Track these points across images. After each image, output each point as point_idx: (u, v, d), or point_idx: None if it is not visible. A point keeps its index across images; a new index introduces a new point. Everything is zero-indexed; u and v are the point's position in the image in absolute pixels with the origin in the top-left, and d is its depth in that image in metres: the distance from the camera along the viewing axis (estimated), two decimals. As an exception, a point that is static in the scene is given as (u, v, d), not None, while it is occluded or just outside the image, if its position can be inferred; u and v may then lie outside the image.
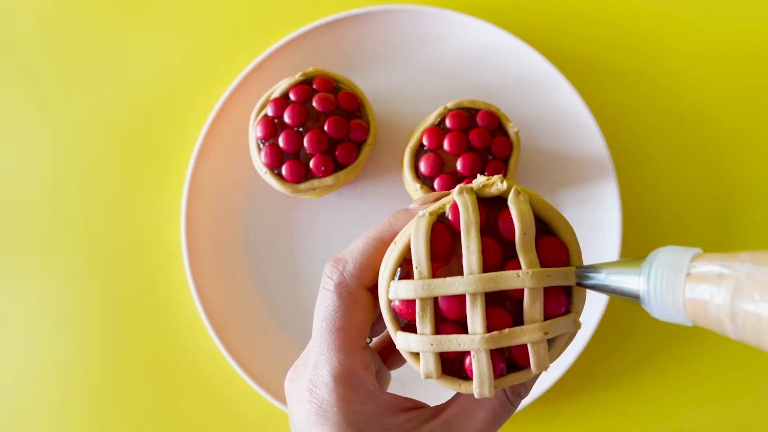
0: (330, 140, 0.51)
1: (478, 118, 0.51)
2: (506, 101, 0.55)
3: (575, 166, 0.54)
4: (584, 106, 0.53)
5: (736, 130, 0.56)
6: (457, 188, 0.28)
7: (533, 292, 0.27)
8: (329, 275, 0.31)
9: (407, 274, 0.28)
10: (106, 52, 0.58)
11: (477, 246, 0.27)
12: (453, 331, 0.28)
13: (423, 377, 0.28)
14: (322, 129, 0.50)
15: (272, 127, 0.51)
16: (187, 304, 0.55)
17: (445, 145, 0.51)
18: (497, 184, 0.28)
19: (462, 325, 0.28)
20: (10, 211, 0.56)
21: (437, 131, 0.51)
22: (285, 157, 0.51)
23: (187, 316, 0.56)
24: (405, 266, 0.28)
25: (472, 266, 0.27)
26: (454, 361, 0.29)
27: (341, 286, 0.30)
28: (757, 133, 0.56)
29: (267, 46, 0.55)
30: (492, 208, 0.29)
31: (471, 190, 0.28)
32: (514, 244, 0.28)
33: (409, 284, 0.28)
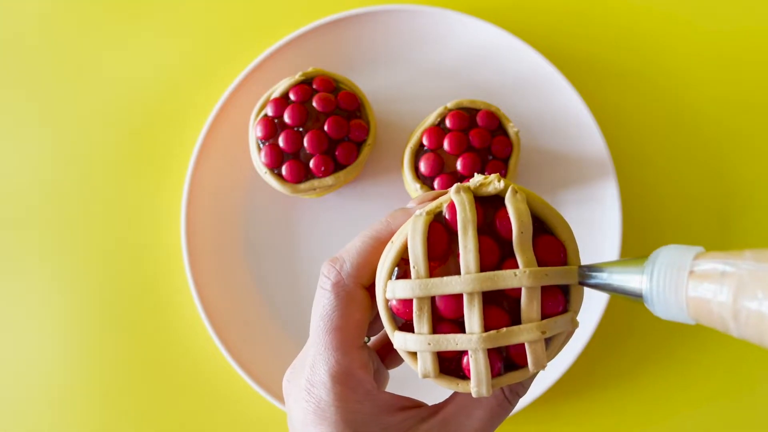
0: (330, 140, 0.51)
1: (478, 118, 0.51)
2: (506, 101, 0.55)
3: (575, 166, 0.54)
4: (584, 106, 0.53)
5: (736, 130, 0.56)
6: (454, 187, 0.28)
7: (530, 291, 0.27)
8: (326, 275, 0.31)
9: (404, 274, 0.28)
10: (106, 52, 0.58)
11: (474, 245, 0.27)
12: (450, 331, 0.28)
13: (420, 377, 0.28)
14: (322, 129, 0.50)
15: (272, 127, 0.51)
16: (187, 304, 0.55)
17: (445, 145, 0.50)
18: (494, 183, 0.28)
19: (459, 325, 0.28)
20: (10, 211, 0.57)
21: (437, 131, 0.51)
22: (285, 157, 0.51)
23: (187, 316, 0.56)
24: (402, 266, 0.28)
25: (470, 265, 0.27)
26: (451, 360, 0.29)
27: (338, 286, 0.30)
28: (757, 133, 0.56)
29: (267, 46, 0.55)
30: (489, 207, 0.28)
31: (468, 189, 0.28)
32: (511, 243, 0.28)
33: (406, 284, 0.28)
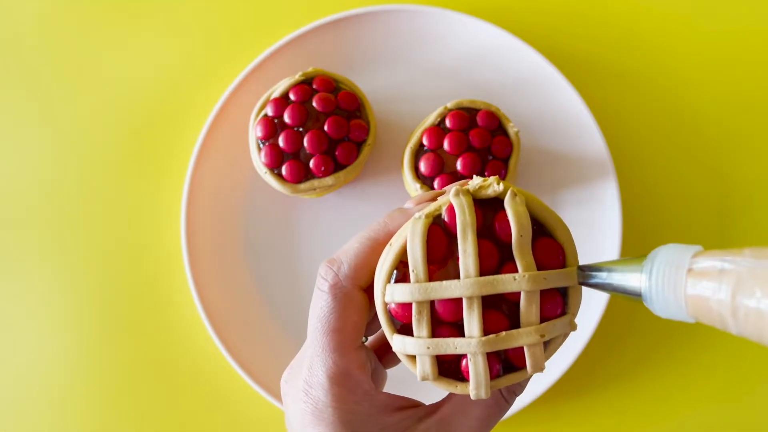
0: (330, 140, 0.51)
1: (478, 118, 0.51)
2: (506, 101, 0.55)
3: (575, 166, 0.54)
4: (584, 106, 0.53)
5: (736, 130, 0.56)
6: (453, 190, 0.28)
7: (530, 295, 0.27)
8: (324, 276, 0.30)
9: (403, 277, 0.28)
10: (106, 52, 0.58)
11: (473, 249, 0.27)
12: (449, 334, 0.28)
13: (419, 379, 0.28)
14: (322, 129, 0.50)
15: (272, 127, 0.50)
16: (187, 304, 0.55)
17: (445, 145, 0.50)
18: (493, 186, 0.28)
19: (458, 328, 0.28)
20: (10, 211, 0.57)
21: (437, 131, 0.51)
22: (285, 157, 0.51)
23: (187, 316, 0.56)
24: (401, 269, 0.28)
25: (469, 269, 0.27)
26: (450, 362, 0.29)
27: (336, 287, 0.30)
28: (757, 133, 0.56)
29: (267, 46, 0.55)
30: (488, 210, 0.28)
31: (467, 192, 0.28)
32: (510, 245, 0.28)
33: (406, 288, 0.28)
